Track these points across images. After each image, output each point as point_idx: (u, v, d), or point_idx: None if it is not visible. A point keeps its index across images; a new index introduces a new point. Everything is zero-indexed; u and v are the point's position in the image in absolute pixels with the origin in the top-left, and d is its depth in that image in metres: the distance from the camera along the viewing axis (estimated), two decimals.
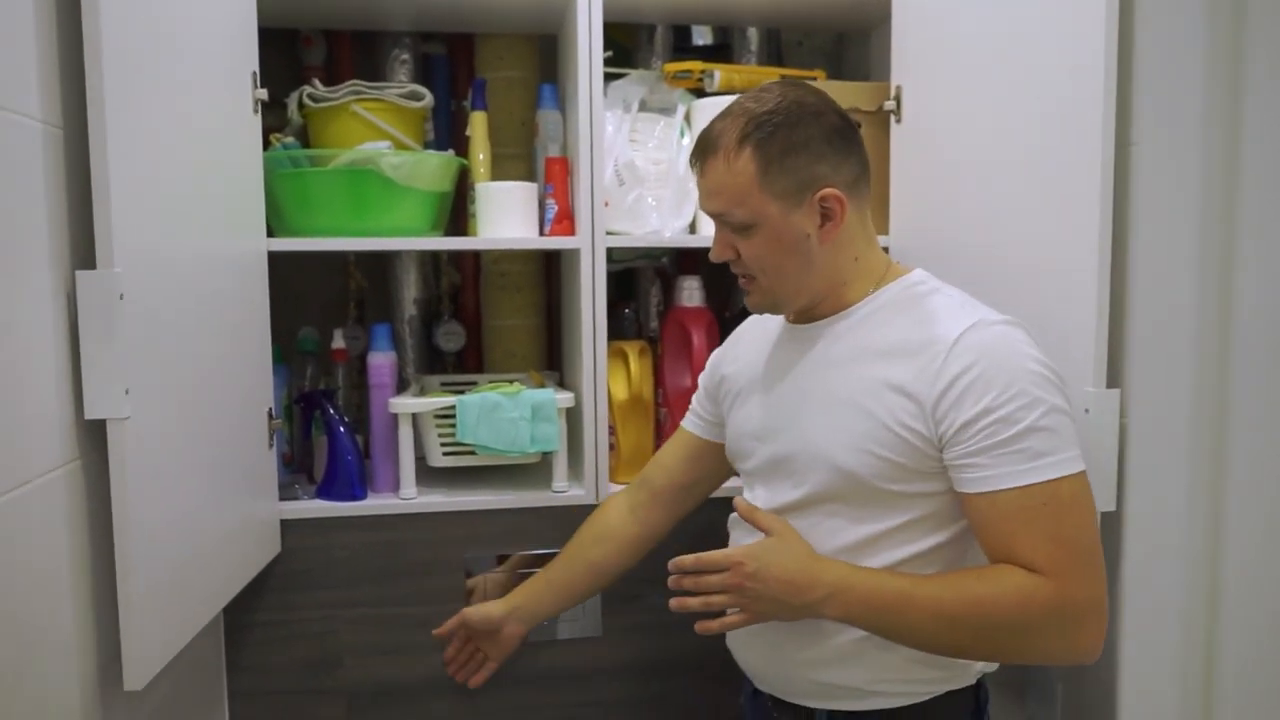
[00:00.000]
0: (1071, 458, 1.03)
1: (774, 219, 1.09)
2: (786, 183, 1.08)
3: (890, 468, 1.07)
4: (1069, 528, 1.02)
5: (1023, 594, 1.02)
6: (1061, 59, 1.17)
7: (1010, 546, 1.03)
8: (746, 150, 1.08)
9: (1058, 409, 1.04)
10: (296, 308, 1.73)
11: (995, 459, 1.03)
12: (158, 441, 1.06)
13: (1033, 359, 1.05)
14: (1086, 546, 1.03)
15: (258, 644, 1.50)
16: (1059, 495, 1.02)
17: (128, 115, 1.00)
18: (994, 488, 1.03)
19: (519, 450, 1.51)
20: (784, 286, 1.14)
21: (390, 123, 1.56)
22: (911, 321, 1.11)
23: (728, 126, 1.10)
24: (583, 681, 1.59)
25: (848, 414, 1.10)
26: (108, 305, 0.98)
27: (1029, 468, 1.02)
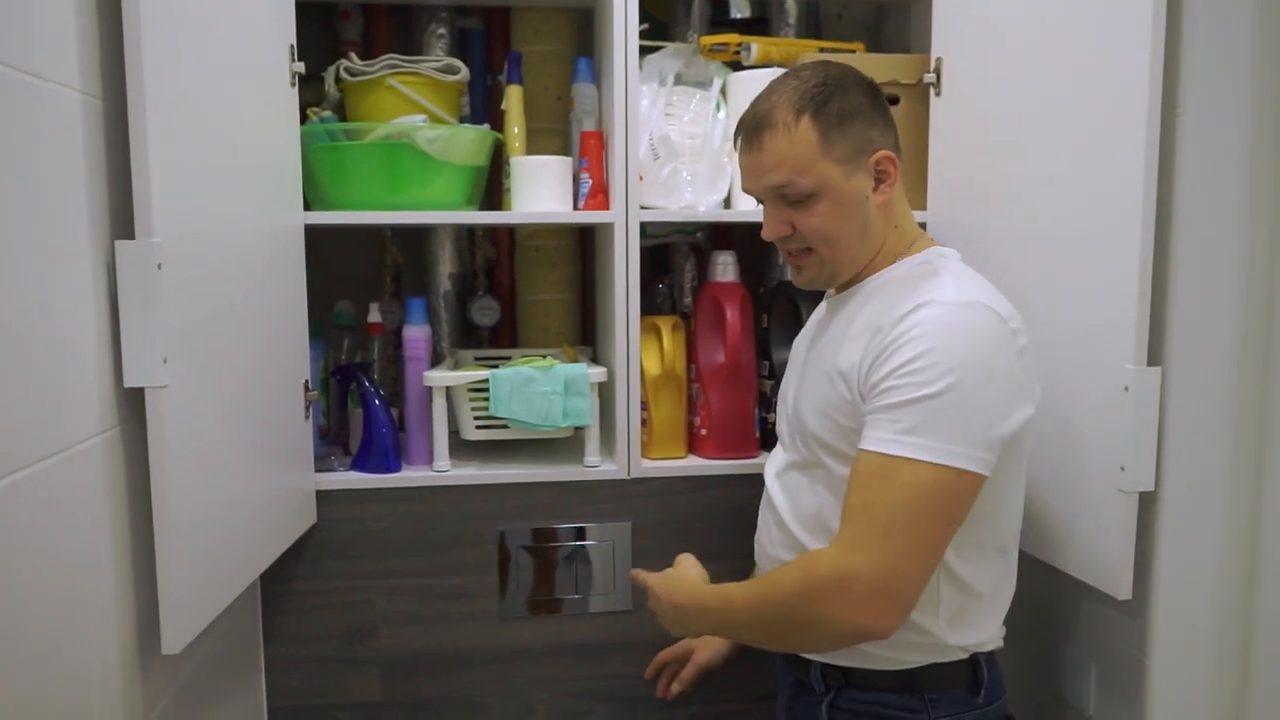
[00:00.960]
0: (940, 448, 1.01)
1: (837, 184, 1.12)
2: (846, 147, 1.11)
3: (840, 432, 1.11)
4: (884, 504, 1.02)
5: (802, 569, 1.07)
6: (1105, 29, 1.14)
7: (843, 514, 1.06)
8: (804, 120, 1.11)
9: (962, 396, 1.01)
10: (333, 282, 1.74)
11: (875, 422, 1.04)
12: (195, 410, 1.07)
13: (971, 343, 1.03)
14: (891, 527, 1.01)
15: (294, 612, 1.53)
16: (897, 473, 1.01)
17: (166, 86, 1.01)
18: (863, 446, 1.05)
19: (551, 424, 1.52)
20: (842, 255, 1.16)
21: (426, 97, 1.56)
22: (895, 298, 1.11)
23: (778, 102, 1.13)
24: (613, 654, 1.60)
25: (823, 382, 1.15)
26: (146, 275, 1.00)
27: (891, 439, 1.02)
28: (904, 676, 1.14)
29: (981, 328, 1.05)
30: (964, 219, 1.46)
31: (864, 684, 1.16)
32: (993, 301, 1.08)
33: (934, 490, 1.02)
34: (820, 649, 1.15)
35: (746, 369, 1.61)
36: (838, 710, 1.18)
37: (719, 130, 1.57)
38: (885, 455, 1.03)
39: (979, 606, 1.14)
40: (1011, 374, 1.05)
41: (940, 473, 1.01)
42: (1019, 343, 1.07)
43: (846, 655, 1.16)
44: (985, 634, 1.16)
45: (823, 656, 1.19)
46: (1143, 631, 1.19)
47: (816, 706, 1.20)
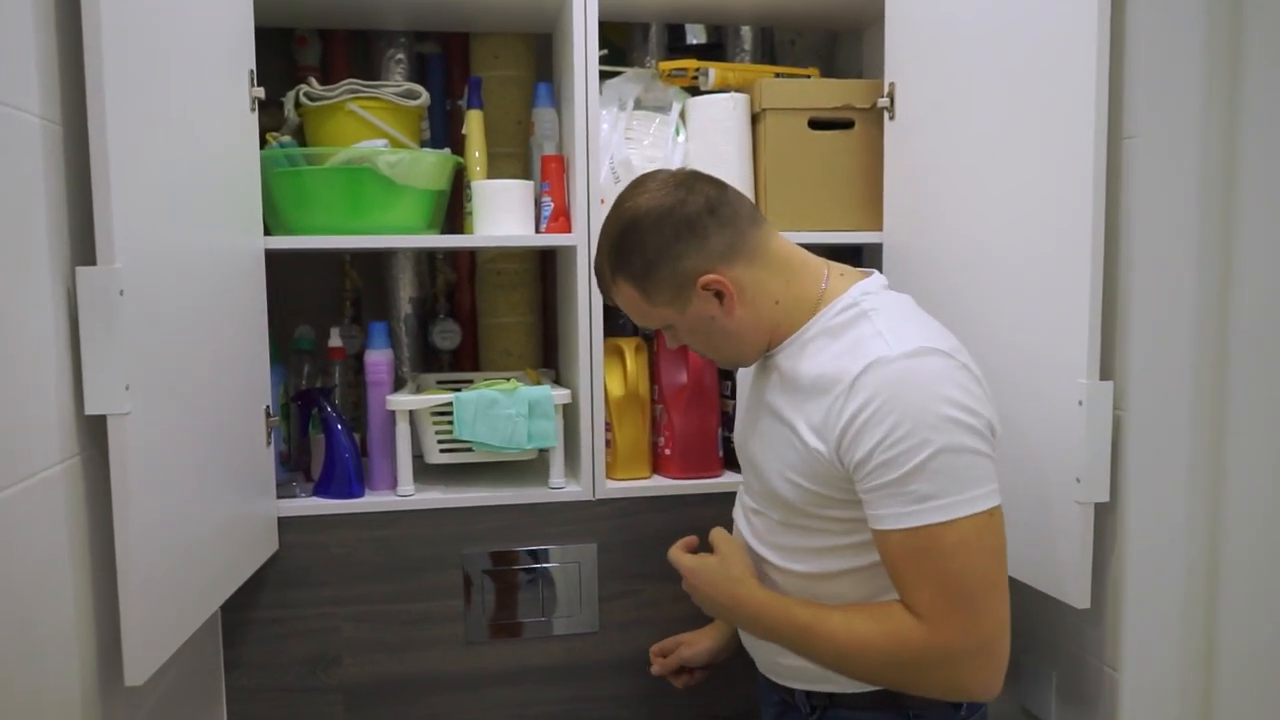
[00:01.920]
0: (961, 500, 1.02)
1: (678, 318, 1.17)
2: (665, 292, 1.15)
3: (815, 497, 1.11)
4: (951, 572, 1.02)
5: (897, 637, 1.05)
6: (1053, 54, 1.18)
7: (900, 586, 1.06)
8: (620, 280, 1.17)
9: (952, 449, 1.01)
10: (292, 307, 1.73)
11: (883, 499, 1.04)
12: (158, 437, 1.06)
13: (934, 395, 1.03)
14: (970, 590, 1.02)
15: (256, 641, 1.51)
16: (942, 540, 1.02)
17: (127, 111, 1.00)
18: (883, 527, 1.05)
19: (516, 447, 1.52)
20: (726, 356, 1.23)
21: (387, 121, 1.56)
22: (830, 355, 1.10)
23: (601, 257, 1.19)
24: (580, 676, 1.60)
25: (780, 443, 1.14)
26: (108, 301, 0.98)
27: (911, 511, 1.02)
28: (887, 695, 1.14)
29: (935, 373, 1.04)
30: (919, 241, 1.49)
31: (849, 704, 1.16)
32: (934, 340, 1.07)
33: (982, 538, 1.03)
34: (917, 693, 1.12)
35: (709, 389, 1.62)
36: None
37: (678, 154, 1.60)
38: (918, 529, 1.02)
39: None
40: (974, 398, 1.06)
41: (976, 521, 1.02)
42: (972, 373, 1.07)
43: (832, 683, 1.16)
44: None
45: (808, 685, 1.19)
46: (1101, 640, 1.21)
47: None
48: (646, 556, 1.60)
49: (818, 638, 1.10)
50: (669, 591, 1.60)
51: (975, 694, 1.07)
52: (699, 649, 1.44)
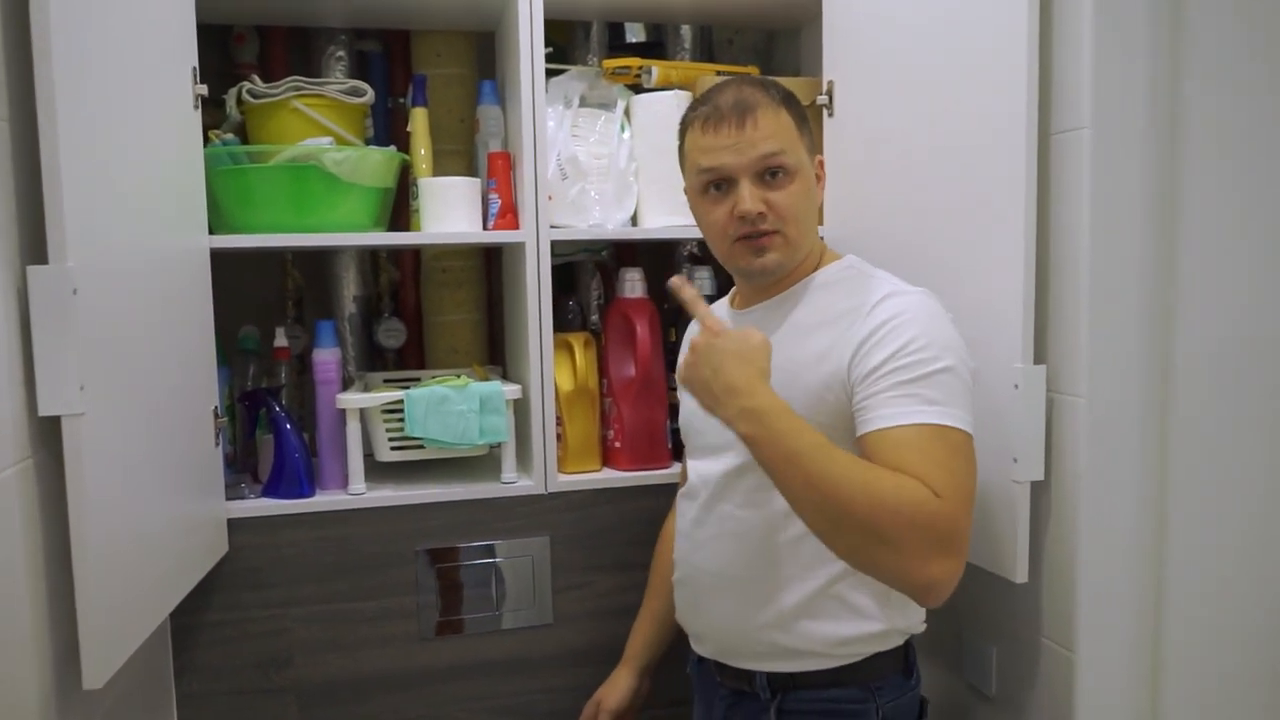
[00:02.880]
0: (962, 417, 1.09)
1: (807, 168, 1.22)
2: (808, 141, 1.23)
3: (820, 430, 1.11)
4: (958, 467, 1.06)
5: (917, 496, 1.01)
6: (987, 51, 1.23)
7: (912, 472, 1.03)
8: (783, 110, 1.20)
9: (958, 371, 1.10)
10: (234, 307, 1.71)
11: (891, 400, 1.08)
12: (111, 439, 1.05)
13: (947, 325, 1.14)
14: (964, 486, 1.06)
15: (206, 645, 1.49)
16: (950, 438, 1.07)
17: (76, 107, 0.99)
18: (890, 424, 1.07)
19: (468, 443, 1.53)
20: (803, 239, 1.22)
21: (331, 119, 1.56)
22: (843, 294, 1.19)
23: (759, 91, 1.20)
24: (533, 669, 1.61)
25: (780, 387, 1.12)
26: (61, 300, 0.97)
27: (923, 409, 1.07)
28: (848, 671, 1.18)
29: (944, 313, 1.16)
30: (859, 233, 1.54)
31: (810, 684, 1.19)
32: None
33: (969, 453, 1.09)
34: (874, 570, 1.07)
35: (657, 382, 1.65)
36: (786, 714, 1.20)
37: (624, 150, 1.62)
38: (927, 425, 1.06)
39: None
40: (965, 351, 1.15)
41: (967, 439, 1.09)
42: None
43: (802, 660, 1.19)
44: (916, 617, 1.22)
45: (767, 666, 1.21)
46: (1039, 613, 1.27)
47: (763, 713, 1.21)
48: (598, 548, 1.63)
49: (826, 459, 1.02)
50: (620, 582, 1.63)
51: (938, 584, 1.03)
52: (620, 690, 1.45)
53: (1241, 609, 1.21)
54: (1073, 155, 1.18)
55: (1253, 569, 1.20)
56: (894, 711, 1.20)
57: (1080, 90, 1.16)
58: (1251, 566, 1.20)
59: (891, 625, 1.19)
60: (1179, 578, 1.19)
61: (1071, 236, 1.19)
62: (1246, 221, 1.16)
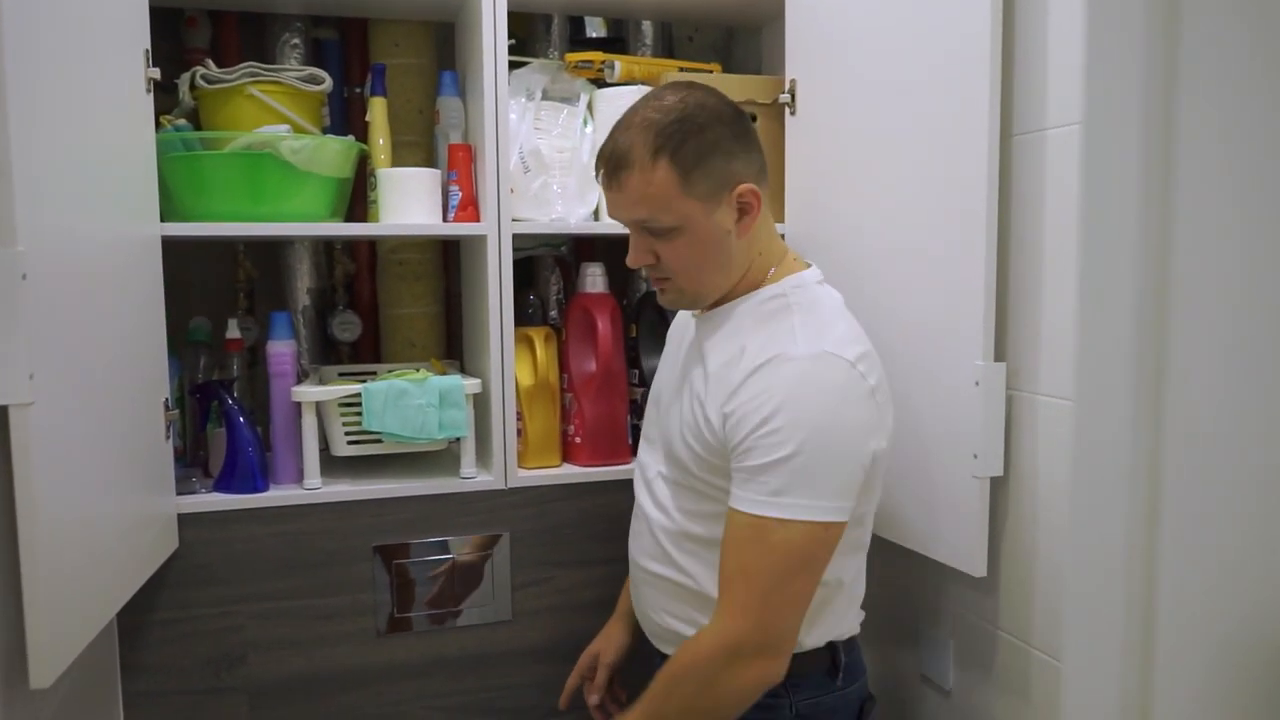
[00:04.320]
0: (810, 506, 1.07)
1: (698, 220, 1.13)
2: (706, 185, 1.12)
3: (705, 463, 1.16)
4: (761, 567, 1.08)
5: (690, 654, 1.12)
6: (949, 51, 1.25)
7: (721, 572, 1.12)
8: (662, 162, 1.11)
9: (816, 453, 1.06)
10: (183, 297, 1.67)
11: (741, 482, 1.10)
12: (60, 430, 1.02)
13: (820, 402, 1.08)
14: (768, 588, 1.08)
15: (155, 644, 1.45)
16: (770, 534, 1.07)
17: (24, 87, 0.95)
18: (732, 505, 1.11)
19: (427, 437, 1.51)
20: (702, 286, 1.19)
21: (288, 106, 1.52)
22: (748, 339, 1.16)
23: (635, 140, 1.12)
24: (492, 665, 1.60)
25: (686, 408, 1.19)
26: (10, 286, 0.93)
27: (758, 499, 1.08)
28: None
29: (830, 380, 1.09)
30: (821, 231, 1.55)
31: None
32: (841, 347, 1.11)
33: (804, 545, 1.08)
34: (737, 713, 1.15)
35: (618, 377, 1.64)
36: None
37: (586, 145, 1.61)
38: (756, 517, 1.08)
39: (839, 599, 1.21)
40: (862, 420, 1.10)
41: (809, 529, 1.07)
42: (868, 384, 1.11)
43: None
44: (843, 624, 1.23)
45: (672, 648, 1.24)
46: (996, 606, 1.29)
47: None
48: (558, 544, 1.62)
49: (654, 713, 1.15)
50: (580, 578, 1.62)
51: (756, 688, 1.11)
52: (616, 643, 1.45)
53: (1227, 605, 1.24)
54: (1033, 155, 1.20)
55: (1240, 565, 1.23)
56: (813, 710, 1.21)
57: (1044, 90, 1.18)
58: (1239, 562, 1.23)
59: (802, 642, 1.18)
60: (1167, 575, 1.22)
61: (1033, 234, 1.21)
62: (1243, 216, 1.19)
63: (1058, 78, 1.17)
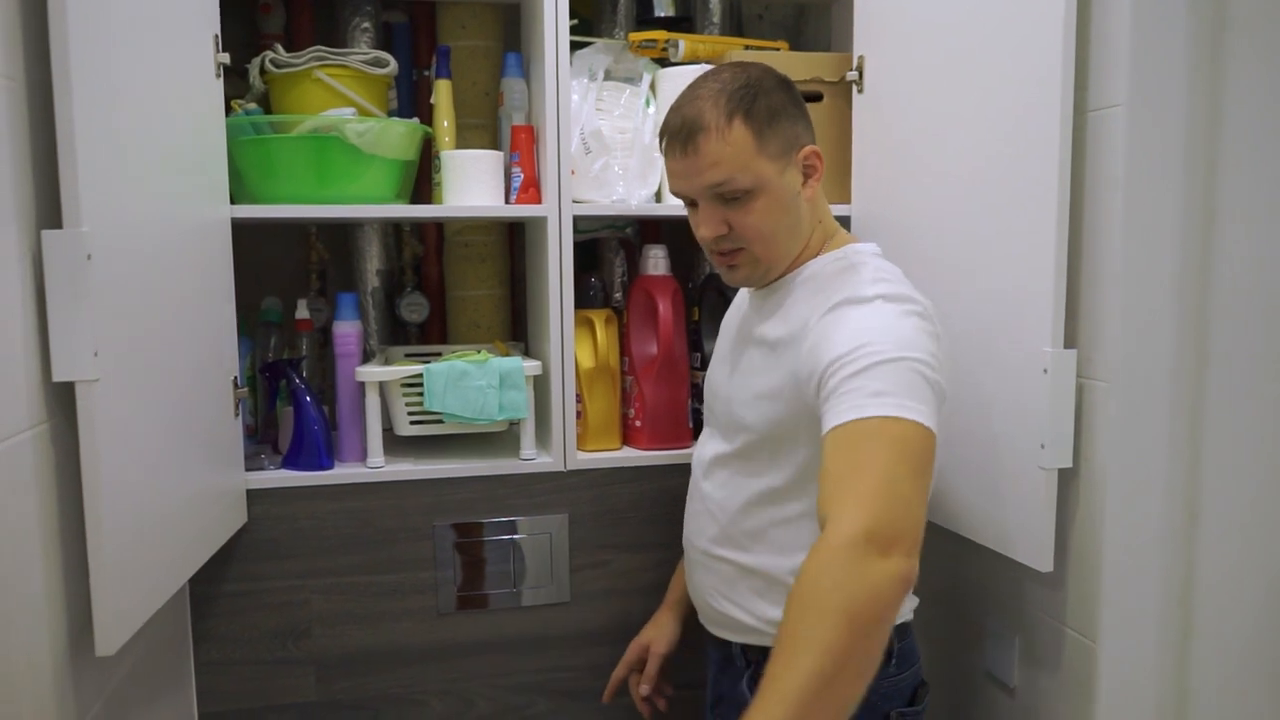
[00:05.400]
0: (914, 408, 1.00)
1: (772, 180, 1.14)
2: (778, 144, 1.14)
3: (773, 422, 1.16)
4: (879, 461, 0.97)
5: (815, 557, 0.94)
6: (1021, 27, 1.19)
7: (828, 484, 0.99)
8: (737, 122, 1.12)
9: (907, 362, 1.02)
10: (257, 279, 1.71)
11: (841, 396, 1.02)
12: (126, 405, 1.05)
13: (900, 325, 1.06)
14: (891, 477, 0.96)
15: (225, 614, 1.50)
16: (882, 432, 0.99)
17: (92, 70, 0.98)
18: (836, 422, 1.01)
19: (487, 418, 1.52)
20: (776, 251, 1.18)
21: (354, 89, 1.54)
22: (820, 296, 1.15)
23: (706, 107, 1.13)
24: (550, 646, 1.61)
25: (755, 366, 1.19)
26: (75, 265, 0.97)
27: (858, 404, 1.00)
28: None
29: (907, 314, 1.10)
30: (888, 212, 1.50)
31: None
32: (909, 292, 1.13)
33: (918, 445, 1.00)
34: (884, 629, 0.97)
35: (679, 360, 1.63)
36: (758, 682, 1.20)
37: (649, 125, 1.60)
38: (862, 419, 1.00)
39: None
40: (936, 354, 1.09)
41: (917, 429, 1.00)
42: (935, 329, 1.12)
43: (764, 636, 1.19)
44: None
45: (743, 638, 1.23)
46: (1064, 603, 1.24)
47: (738, 680, 1.24)
48: (617, 527, 1.61)
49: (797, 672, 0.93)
50: (639, 562, 1.62)
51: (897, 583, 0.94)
52: (667, 634, 1.44)
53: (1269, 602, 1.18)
54: (1108, 134, 1.14)
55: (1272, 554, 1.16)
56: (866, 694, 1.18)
57: (1118, 66, 1.12)
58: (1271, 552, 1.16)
59: None
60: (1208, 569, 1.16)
61: (1106, 217, 1.15)
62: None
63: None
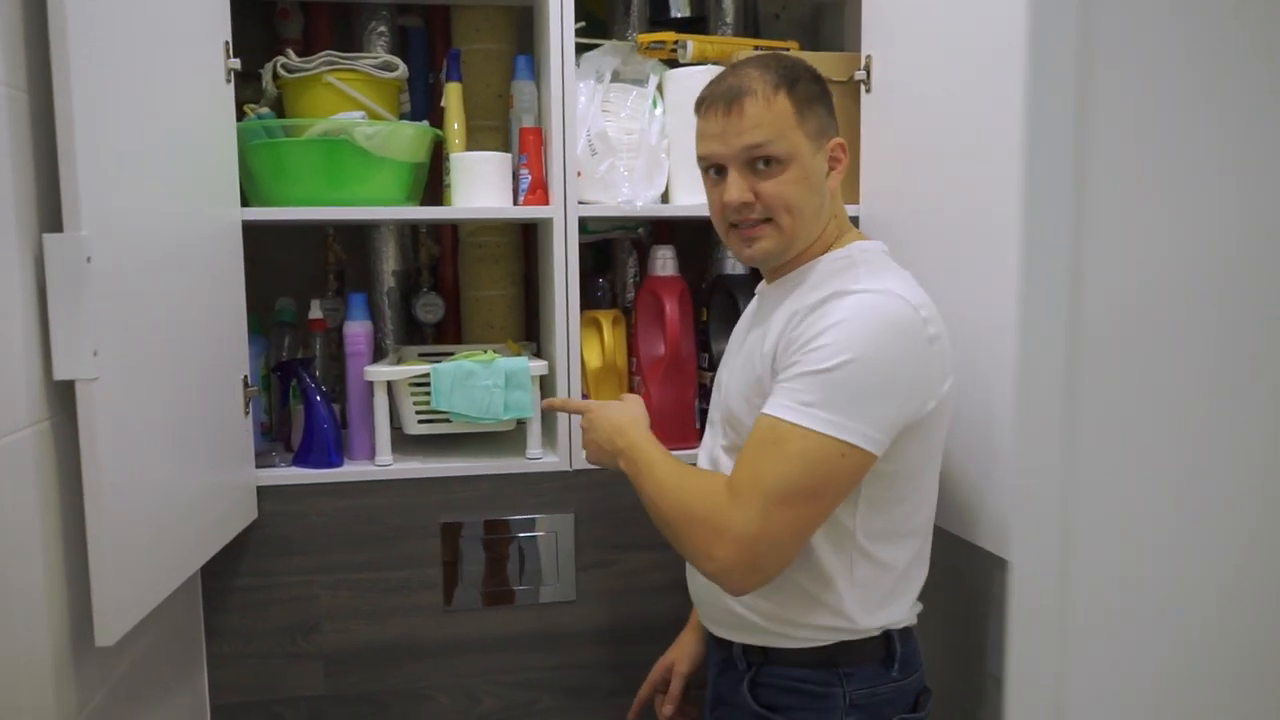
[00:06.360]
0: (834, 423, 1.04)
1: (806, 157, 1.17)
2: (813, 125, 1.18)
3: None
4: (773, 471, 1.06)
5: (702, 492, 1.11)
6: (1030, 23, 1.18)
7: (738, 460, 1.11)
8: (782, 93, 1.16)
9: (857, 377, 1.05)
10: (277, 279, 1.74)
11: (776, 390, 1.10)
12: (127, 403, 1.08)
13: (877, 329, 1.07)
14: (772, 492, 1.06)
15: (237, 608, 1.53)
16: (789, 441, 1.05)
17: (93, 77, 1.01)
18: (764, 410, 1.10)
19: (492, 417, 1.53)
20: (798, 227, 1.19)
21: (364, 93, 1.57)
22: (816, 286, 1.16)
23: (755, 75, 1.17)
24: (556, 644, 1.62)
25: (744, 369, 1.20)
26: (75, 267, 1.00)
27: (785, 405, 1.07)
28: (819, 653, 1.18)
29: (889, 313, 1.09)
30: (894, 212, 1.49)
31: (782, 660, 1.20)
32: (904, 291, 1.11)
33: (818, 463, 1.05)
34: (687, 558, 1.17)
35: (686, 361, 1.63)
36: (758, 686, 1.22)
37: (655, 126, 1.60)
38: (779, 420, 1.07)
39: (894, 587, 1.18)
40: (916, 360, 1.09)
41: (827, 445, 1.05)
42: (928, 331, 1.10)
43: (766, 636, 1.20)
44: (899, 613, 1.19)
45: (744, 637, 1.22)
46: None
47: (739, 683, 1.23)
48: (623, 527, 1.62)
49: (654, 473, 1.17)
50: (644, 561, 1.62)
51: (716, 573, 1.09)
52: (691, 654, 1.42)
53: None
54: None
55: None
56: (868, 699, 1.18)
57: None
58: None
59: (857, 623, 1.16)
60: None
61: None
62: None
63: None
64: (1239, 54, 0.44)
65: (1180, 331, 0.48)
